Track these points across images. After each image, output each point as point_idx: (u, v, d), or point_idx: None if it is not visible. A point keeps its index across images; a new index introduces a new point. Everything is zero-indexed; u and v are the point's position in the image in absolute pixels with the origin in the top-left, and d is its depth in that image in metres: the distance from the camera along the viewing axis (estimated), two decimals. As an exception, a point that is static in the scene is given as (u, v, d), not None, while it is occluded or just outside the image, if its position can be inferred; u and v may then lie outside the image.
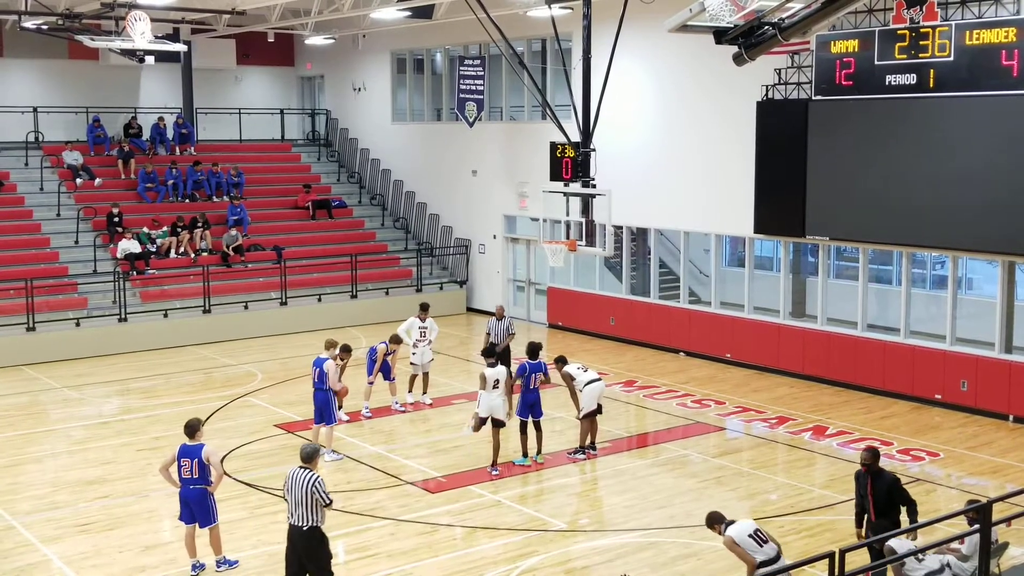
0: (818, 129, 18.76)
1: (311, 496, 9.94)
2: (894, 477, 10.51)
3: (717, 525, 9.94)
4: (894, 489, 10.34)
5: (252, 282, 25.13)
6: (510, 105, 26.61)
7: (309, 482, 9.97)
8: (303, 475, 10.03)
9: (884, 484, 10.36)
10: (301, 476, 10.02)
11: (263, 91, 33.22)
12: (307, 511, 9.96)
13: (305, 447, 10.39)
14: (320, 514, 10.04)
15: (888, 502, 10.33)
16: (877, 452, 10.55)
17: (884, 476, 10.45)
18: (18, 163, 26.67)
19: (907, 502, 10.37)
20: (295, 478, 10.04)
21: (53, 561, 11.66)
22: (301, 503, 9.96)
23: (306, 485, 9.95)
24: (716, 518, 10.04)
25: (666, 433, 16.71)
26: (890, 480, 10.41)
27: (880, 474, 10.44)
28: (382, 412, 17.40)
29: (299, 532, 10.02)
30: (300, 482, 9.98)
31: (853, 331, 19.34)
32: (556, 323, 25.09)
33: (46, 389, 19.60)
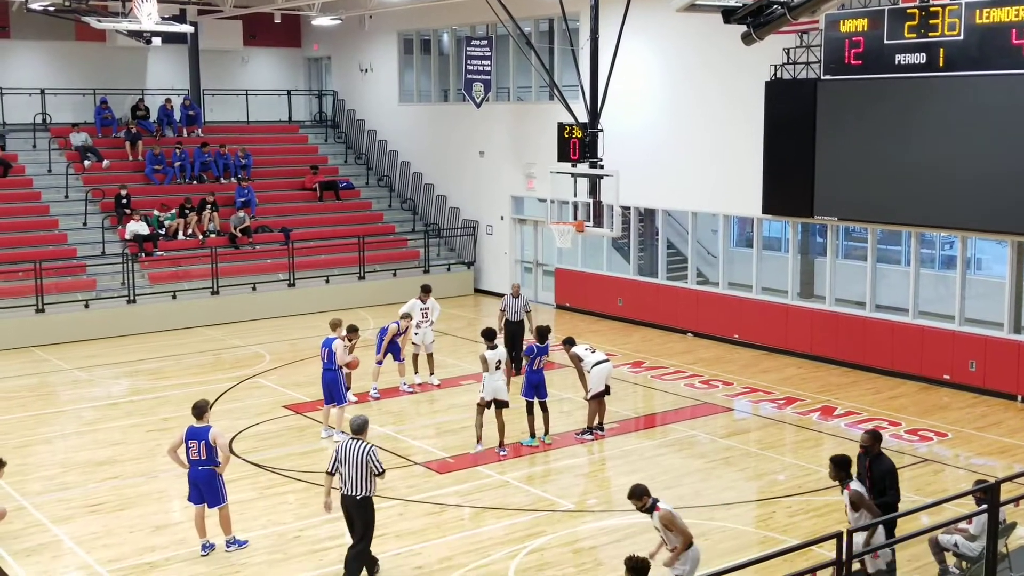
0: (827, 109, 18.68)
1: (366, 466, 10.29)
2: (892, 465, 10.37)
3: (645, 497, 9.47)
4: (888, 476, 10.22)
5: (260, 264, 25.15)
6: (517, 86, 26.53)
7: (364, 452, 10.31)
8: (357, 445, 10.35)
9: (881, 469, 10.25)
10: (356, 446, 10.34)
11: (270, 72, 33.15)
12: (362, 480, 10.31)
13: (355, 419, 10.70)
14: (373, 483, 10.39)
15: (884, 487, 10.23)
16: (878, 435, 10.46)
17: (883, 461, 10.32)
18: (26, 145, 26.69)
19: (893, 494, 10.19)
20: (349, 449, 10.33)
21: (64, 541, 11.74)
22: (356, 473, 10.29)
23: (362, 454, 10.29)
24: (641, 491, 9.51)
25: (674, 414, 16.72)
26: (887, 467, 10.28)
27: (880, 458, 10.32)
28: (390, 393, 17.44)
29: (353, 501, 10.35)
30: (355, 452, 10.30)
31: (861, 311, 19.31)
32: (564, 304, 25.09)
33: (55, 370, 19.68)
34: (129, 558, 11.28)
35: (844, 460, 9.87)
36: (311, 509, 12.60)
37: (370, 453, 10.33)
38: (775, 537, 11.71)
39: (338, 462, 10.40)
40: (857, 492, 9.67)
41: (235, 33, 30.67)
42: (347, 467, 10.33)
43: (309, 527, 12.06)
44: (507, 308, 18.64)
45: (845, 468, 9.83)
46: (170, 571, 10.96)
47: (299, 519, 12.32)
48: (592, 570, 10.98)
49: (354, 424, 10.66)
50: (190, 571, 10.91)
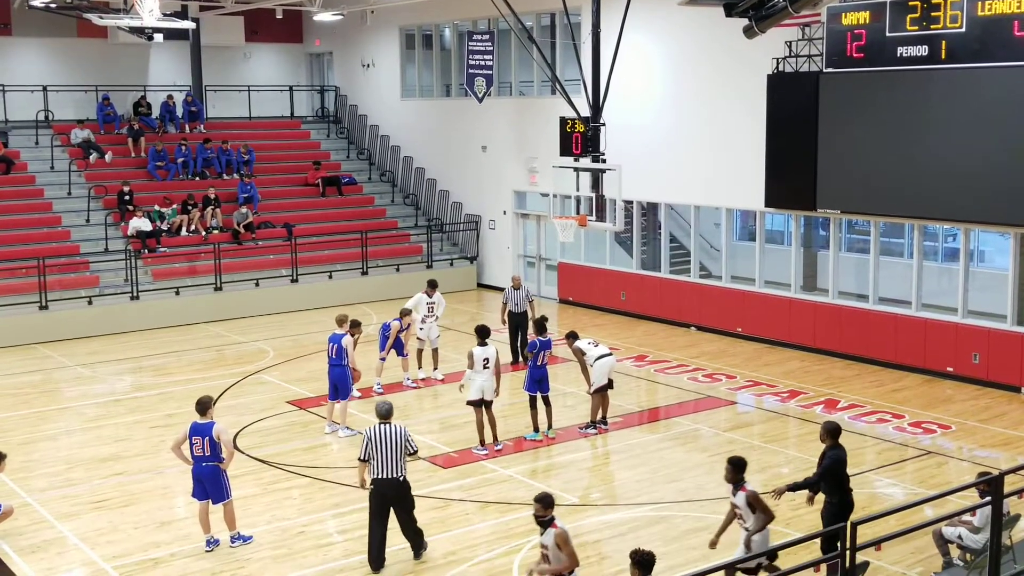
0: (829, 102, 18.65)
1: (402, 447, 10.56)
2: (839, 458, 10.12)
3: (549, 509, 9.04)
4: (834, 461, 10.06)
5: (263, 259, 25.17)
6: (519, 80, 26.51)
7: (401, 434, 10.63)
8: (391, 429, 10.60)
9: (825, 461, 10.13)
10: (390, 431, 10.58)
11: (272, 68, 33.15)
12: (399, 462, 10.60)
13: (381, 404, 10.94)
14: (406, 464, 10.70)
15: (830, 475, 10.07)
16: (829, 428, 10.24)
17: (831, 452, 10.14)
18: (28, 142, 26.71)
19: (817, 480, 10.08)
20: (382, 434, 10.55)
21: (69, 538, 11.77)
22: (393, 455, 10.53)
23: (399, 436, 10.59)
24: (550, 501, 9.09)
25: (677, 407, 16.73)
26: (831, 458, 10.10)
27: (832, 449, 10.15)
28: (394, 388, 17.45)
29: (394, 484, 10.62)
30: (391, 436, 10.53)
31: (864, 304, 19.30)
32: (567, 298, 25.08)
33: (59, 367, 19.71)
34: (134, 554, 11.30)
35: (741, 462, 9.72)
36: (315, 504, 12.63)
37: (407, 434, 10.69)
38: (778, 530, 11.68)
39: (371, 449, 10.56)
40: (753, 493, 9.51)
41: (237, 29, 30.68)
42: (383, 452, 10.53)
43: (313, 522, 12.08)
44: (509, 300, 18.82)
45: (742, 470, 9.66)
46: (175, 567, 10.98)
47: (303, 514, 12.34)
48: (596, 564, 10.98)
49: (381, 409, 10.89)
50: (195, 567, 10.93)
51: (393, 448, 10.58)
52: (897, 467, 13.85)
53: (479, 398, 14.32)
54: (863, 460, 14.12)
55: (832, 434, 10.20)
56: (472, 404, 14.42)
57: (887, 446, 14.69)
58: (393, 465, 10.60)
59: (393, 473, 10.62)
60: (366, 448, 10.64)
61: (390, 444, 10.59)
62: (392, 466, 10.60)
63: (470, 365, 14.38)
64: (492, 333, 15.12)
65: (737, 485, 9.63)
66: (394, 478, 10.64)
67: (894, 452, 14.42)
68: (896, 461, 14.06)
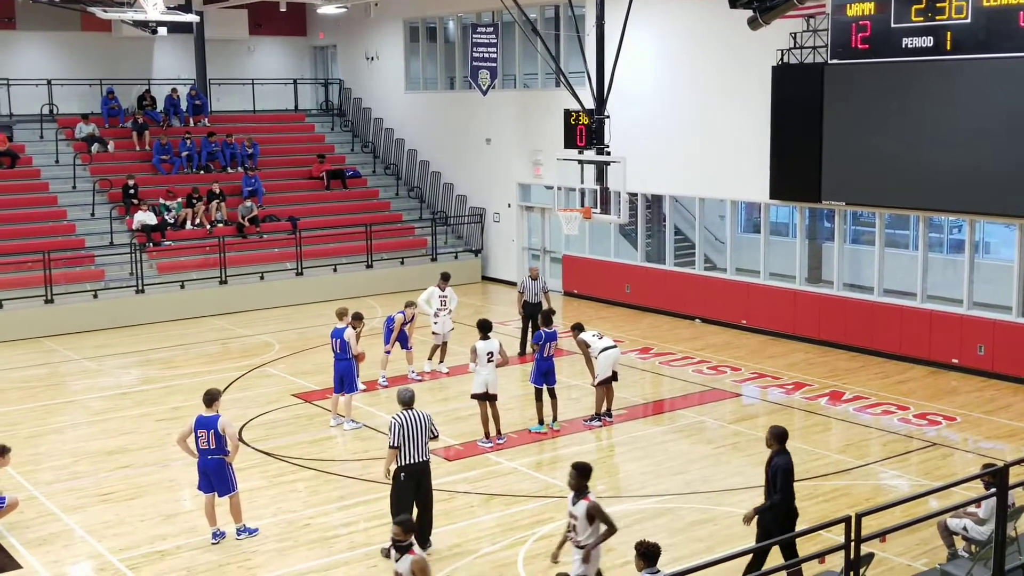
0: (834, 93, 18.62)
1: (428, 431, 10.88)
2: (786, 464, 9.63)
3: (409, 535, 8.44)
4: (779, 476, 9.58)
5: (267, 253, 25.20)
6: (524, 73, 26.48)
7: (428, 418, 10.95)
8: (418, 415, 10.84)
9: (773, 468, 9.67)
10: (416, 416, 10.81)
11: (276, 61, 33.14)
12: (425, 447, 10.88)
13: (404, 391, 11.13)
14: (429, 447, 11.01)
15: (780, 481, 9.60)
16: (775, 432, 9.80)
17: (779, 459, 9.69)
18: (33, 136, 26.73)
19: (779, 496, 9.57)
20: (411, 420, 10.75)
21: (75, 530, 11.81)
22: (421, 440, 10.83)
23: (428, 421, 10.91)
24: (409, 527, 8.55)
25: (682, 400, 16.73)
26: (778, 465, 9.64)
27: (778, 455, 9.72)
28: (399, 381, 17.46)
29: (423, 467, 10.91)
30: (418, 421, 10.78)
31: (869, 296, 19.28)
32: (572, 291, 25.08)
33: (65, 361, 19.75)
34: (140, 547, 11.34)
35: (586, 468, 9.23)
36: (320, 497, 12.66)
37: (430, 419, 10.98)
38: (784, 522, 11.70)
39: (403, 435, 10.71)
40: (595, 505, 8.94)
41: (241, 22, 30.67)
42: (414, 437, 10.75)
43: (319, 515, 12.11)
44: (526, 290, 19.02)
45: (587, 476, 9.16)
46: (181, 559, 11.02)
47: (309, 507, 12.37)
48: (602, 555, 10.97)
49: (404, 396, 11.06)
50: (201, 559, 10.96)
51: (421, 433, 10.83)
52: (902, 459, 13.85)
53: (483, 391, 14.34)
54: (868, 452, 14.12)
55: (779, 439, 9.76)
56: (476, 398, 14.44)
57: (892, 438, 14.69)
58: (421, 450, 10.85)
59: (422, 457, 10.87)
60: (397, 435, 10.72)
61: (419, 429, 10.81)
62: (420, 451, 10.84)
63: (473, 359, 14.39)
64: (495, 326, 15.11)
65: (579, 493, 9.08)
66: (424, 461, 10.90)
67: (899, 444, 14.42)
68: (901, 453, 14.06)
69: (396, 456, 10.80)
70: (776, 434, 9.82)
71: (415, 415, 10.85)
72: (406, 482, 10.83)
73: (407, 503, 10.86)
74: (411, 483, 10.85)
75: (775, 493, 9.60)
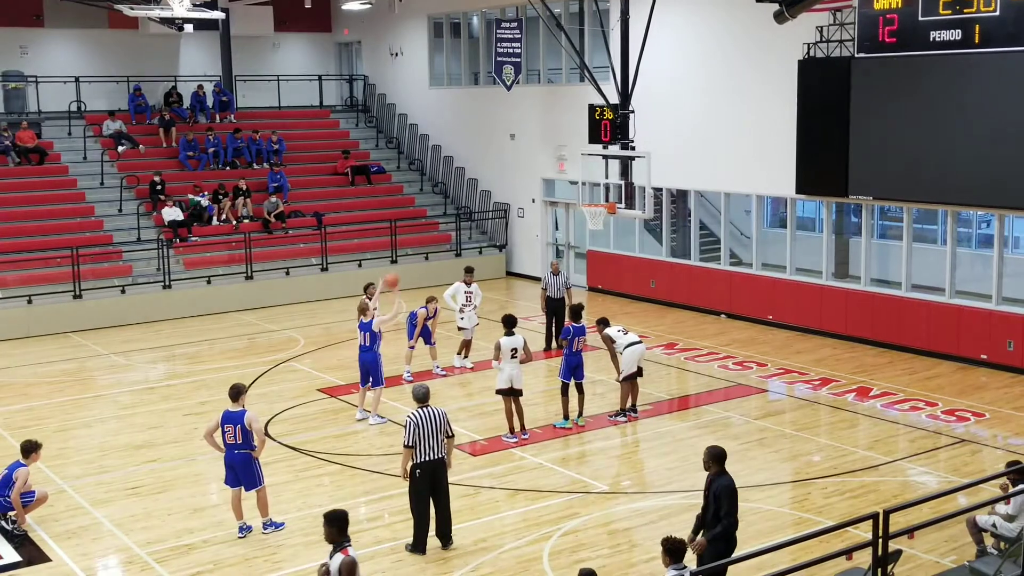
0: (861, 87, 18.47)
1: (445, 429, 10.84)
2: (728, 486, 9.14)
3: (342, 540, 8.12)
4: (723, 498, 9.07)
5: (293, 248, 25.29)
6: (548, 68, 26.44)
7: (445, 415, 10.90)
8: (435, 412, 10.84)
9: (716, 491, 9.13)
10: (435, 413, 10.82)
11: (301, 58, 33.25)
12: (441, 444, 10.83)
13: (418, 388, 11.11)
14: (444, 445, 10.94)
15: (725, 504, 9.09)
16: (714, 453, 9.28)
17: (720, 480, 9.17)
18: (61, 133, 26.94)
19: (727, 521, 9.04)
20: (428, 417, 10.76)
21: (103, 524, 11.90)
22: (436, 437, 10.80)
23: (444, 418, 10.87)
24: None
25: (707, 395, 16.67)
26: (720, 487, 9.12)
27: (718, 477, 9.20)
28: (423, 376, 17.48)
29: (439, 464, 10.86)
30: (436, 418, 10.78)
31: (897, 291, 19.13)
32: (596, 286, 25.04)
33: (93, 355, 19.91)
34: (167, 540, 11.42)
35: (342, 519, 8.20)
36: (346, 491, 12.71)
37: (447, 417, 10.93)
38: (810, 518, 11.67)
39: (419, 433, 10.70)
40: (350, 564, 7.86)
41: (266, 19, 30.78)
42: (429, 434, 10.72)
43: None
44: (548, 286, 18.93)
45: (345, 528, 8.14)
46: (207, 553, 11.08)
47: (334, 501, 12.38)
48: (627, 552, 10.98)
49: (419, 393, 11.03)
50: (228, 553, 11.02)
51: (436, 430, 10.78)
52: (930, 455, 13.75)
53: (508, 387, 14.34)
54: (896, 448, 14.03)
55: (717, 460, 9.24)
56: (501, 393, 14.44)
57: (920, 434, 14.58)
58: (437, 445, 10.81)
59: (438, 454, 10.83)
60: (413, 434, 10.71)
61: (434, 426, 10.77)
62: (437, 448, 10.80)
63: (496, 356, 14.38)
64: (519, 322, 15.10)
65: (338, 546, 8.10)
66: (440, 458, 10.86)
67: (927, 440, 14.31)
68: (929, 449, 13.95)
69: (412, 454, 10.81)
70: (714, 455, 9.24)
71: (430, 412, 10.82)
72: (422, 479, 10.82)
73: (424, 500, 10.88)
74: (427, 480, 10.83)
75: (722, 518, 9.02)
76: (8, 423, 15.60)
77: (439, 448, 10.84)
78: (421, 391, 11.06)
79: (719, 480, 9.16)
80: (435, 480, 10.90)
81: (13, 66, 28.19)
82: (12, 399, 16.92)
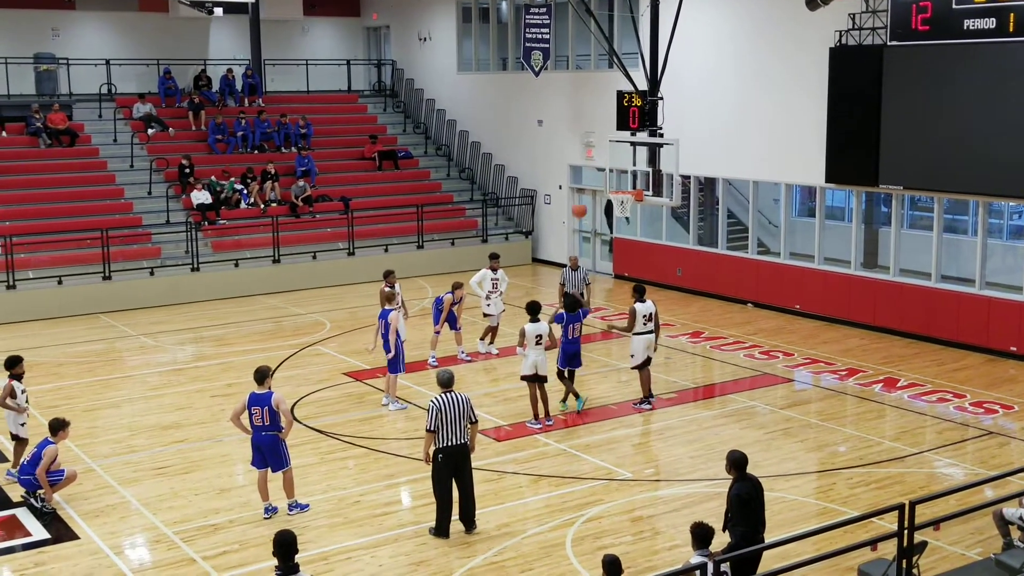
0: (893, 75, 18.30)
1: (468, 415, 10.82)
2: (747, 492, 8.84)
3: None
4: (735, 501, 8.85)
5: (320, 232, 25.38)
6: (576, 54, 26.35)
7: (468, 401, 10.91)
8: (458, 397, 10.85)
9: (730, 495, 8.94)
10: (458, 399, 10.83)
11: (329, 42, 33.31)
12: (464, 430, 10.82)
13: (442, 373, 11.12)
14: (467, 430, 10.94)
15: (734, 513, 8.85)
16: (732, 460, 9.04)
17: (738, 487, 8.92)
18: (92, 115, 27.13)
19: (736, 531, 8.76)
20: (451, 402, 10.76)
21: (131, 503, 12.02)
22: (459, 423, 10.77)
23: (468, 404, 10.88)
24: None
25: (733, 384, 16.62)
26: (735, 493, 8.88)
27: (739, 482, 8.96)
28: (448, 362, 17.52)
29: (461, 450, 10.88)
30: (460, 403, 10.79)
31: (927, 282, 18.98)
32: (622, 274, 24.98)
33: (122, 336, 20.08)
34: (194, 520, 11.52)
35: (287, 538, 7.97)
36: (371, 475, 12.77)
37: (470, 403, 10.92)
38: (835, 508, 11.62)
39: (440, 419, 10.70)
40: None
41: (295, 3, 30.84)
42: (451, 419, 10.73)
43: (369, 492, 12.21)
44: (566, 281, 18.31)
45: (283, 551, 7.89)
46: (233, 533, 11.17)
47: (359, 484, 12.48)
48: (650, 539, 10.98)
49: (443, 377, 11.03)
50: (253, 533, 11.10)
51: (459, 416, 10.78)
52: (957, 447, 13.65)
53: (533, 373, 14.34)
54: (923, 440, 13.94)
55: (736, 465, 9.00)
56: (526, 379, 14.45)
57: (948, 426, 14.48)
58: (460, 432, 10.80)
59: (459, 439, 10.82)
60: (435, 418, 10.73)
61: (457, 412, 10.76)
62: (459, 433, 10.80)
63: (521, 342, 14.39)
64: (544, 308, 15.09)
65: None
66: (462, 443, 10.86)
67: (955, 432, 14.21)
68: (956, 441, 13.85)
69: (434, 438, 10.83)
70: (732, 460, 9.04)
71: (454, 398, 10.82)
72: (444, 464, 10.84)
73: (447, 485, 10.90)
74: (449, 465, 10.85)
75: (736, 525, 8.83)
76: (38, 402, 15.76)
77: (462, 434, 10.84)
78: (445, 376, 11.07)
79: (736, 486, 8.96)
80: (458, 465, 10.91)
81: (45, 48, 28.38)
82: (43, 378, 17.10)
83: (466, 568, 10.37)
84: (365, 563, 10.48)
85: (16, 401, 12.76)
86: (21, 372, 12.95)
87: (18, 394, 12.79)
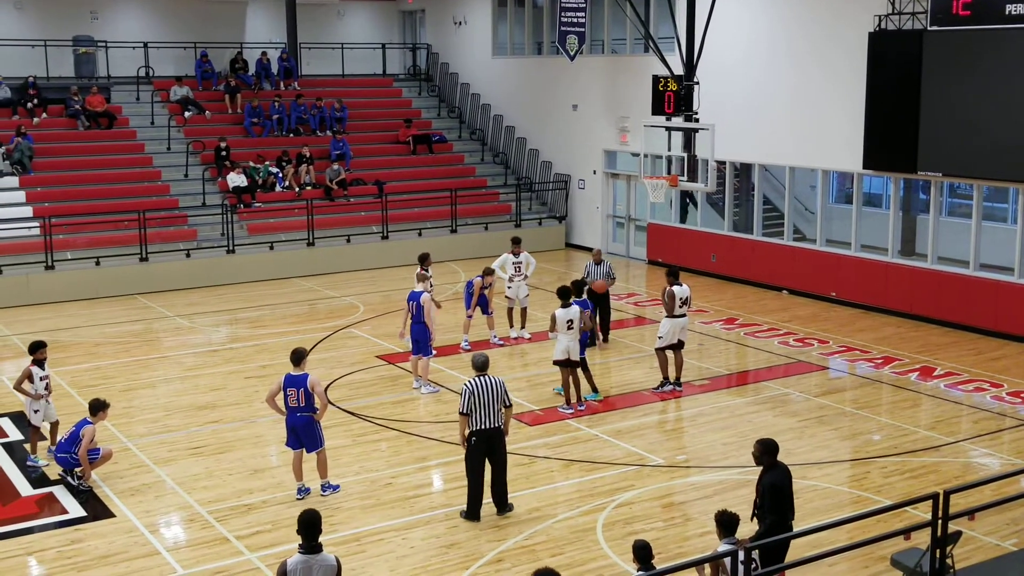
0: (933, 61, 18.06)
1: (500, 399, 10.83)
2: (780, 481, 8.73)
3: None
4: (769, 494, 8.67)
5: (354, 216, 25.48)
6: (612, 38, 26.21)
7: (503, 385, 10.92)
8: (493, 381, 10.88)
9: (763, 484, 8.76)
10: (493, 383, 10.86)
11: (365, 26, 33.35)
12: (498, 413, 10.87)
13: (477, 356, 11.16)
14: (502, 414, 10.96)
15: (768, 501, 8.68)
16: (766, 445, 8.85)
17: (771, 475, 8.77)
18: (130, 98, 27.36)
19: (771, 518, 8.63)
20: (485, 385, 10.81)
21: (166, 482, 12.15)
22: (493, 406, 10.82)
23: (502, 387, 10.89)
24: None
25: (767, 371, 16.52)
26: (769, 483, 8.72)
27: (771, 470, 8.80)
28: (480, 346, 17.54)
29: (496, 433, 10.91)
30: (494, 387, 10.83)
31: (965, 270, 18.75)
32: (656, 259, 24.88)
33: (159, 317, 20.28)
34: (228, 500, 11.63)
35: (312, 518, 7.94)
36: (403, 457, 12.83)
37: (504, 386, 10.93)
38: (869, 497, 11.54)
39: (474, 401, 10.75)
40: None
41: (331, -14, 30.94)
42: (485, 403, 10.77)
43: (401, 474, 12.27)
44: (589, 274, 17.69)
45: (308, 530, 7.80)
46: (267, 513, 11.27)
47: (391, 466, 12.54)
48: (681, 525, 10.97)
49: (478, 361, 11.07)
50: (286, 513, 11.18)
51: (493, 399, 10.81)
52: (993, 437, 13.50)
53: (565, 358, 14.34)
54: (959, 429, 13.80)
55: (770, 451, 8.83)
56: (559, 364, 14.45)
57: (984, 415, 14.32)
58: (495, 415, 10.84)
59: (493, 423, 10.85)
60: (468, 401, 10.78)
61: (492, 395, 10.80)
62: (494, 416, 10.84)
63: (552, 328, 14.38)
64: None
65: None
66: (496, 427, 10.89)
67: (991, 422, 14.06)
68: (993, 431, 13.70)
69: (468, 421, 10.88)
70: (766, 447, 8.84)
71: (488, 381, 10.86)
72: (477, 447, 10.89)
73: (480, 468, 10.96)
74: (482, 448, 10.90)
75: (767, 515, 8.66)
76: (76, 381, 15.98)
77: (495, 417, 10.87)
78: (480, 359, 11.10)
79: (769, 474, 8.78)
80: (491, 449, 10.95)
81: (84, 31, 28.62)
82: (80, 358, 17.32)
83: (497, 551, 10.40)
84: (396, 544, 10.54)
85: (34, 387, 12.70)
86: (43, 357, 12.85)
87: (36, 380, 12.70)
